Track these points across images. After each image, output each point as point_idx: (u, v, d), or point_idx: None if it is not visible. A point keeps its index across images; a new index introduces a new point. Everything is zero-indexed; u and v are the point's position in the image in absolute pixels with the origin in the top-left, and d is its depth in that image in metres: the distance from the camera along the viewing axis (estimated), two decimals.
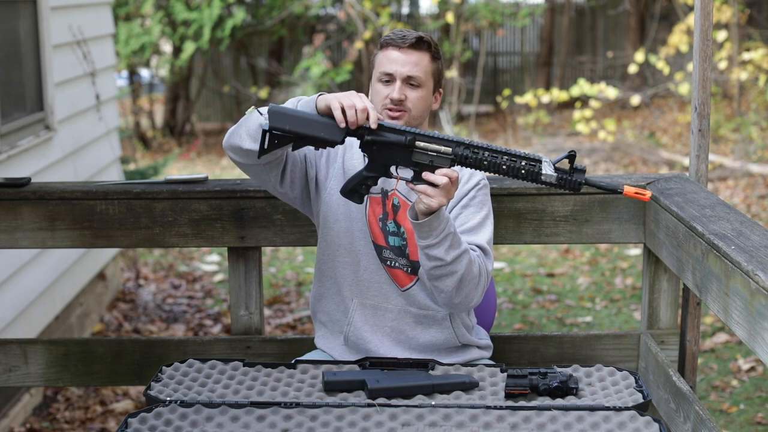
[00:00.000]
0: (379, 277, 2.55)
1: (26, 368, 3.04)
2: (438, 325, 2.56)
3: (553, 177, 2.22)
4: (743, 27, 11.05)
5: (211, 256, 7.19)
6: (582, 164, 2.24)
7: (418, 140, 2.28)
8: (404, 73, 2.47)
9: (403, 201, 2.54)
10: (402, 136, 2.28)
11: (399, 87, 2.46)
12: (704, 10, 2.78)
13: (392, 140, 2.28)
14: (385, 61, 2.49)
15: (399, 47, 2.48)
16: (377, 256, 2.55)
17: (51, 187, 2.98)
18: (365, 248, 2.54)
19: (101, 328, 5.52)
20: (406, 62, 2.47)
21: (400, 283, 2.55)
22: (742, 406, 4.32)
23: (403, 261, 2.55)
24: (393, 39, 2.50)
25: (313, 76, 11.58)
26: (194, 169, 11.16)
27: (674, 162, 9.78)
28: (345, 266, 2.57)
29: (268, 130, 2.26)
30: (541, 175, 2.23)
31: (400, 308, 2.55)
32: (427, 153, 2.27)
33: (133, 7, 11.90)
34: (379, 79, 2.50)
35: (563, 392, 2.29)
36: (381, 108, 2.48)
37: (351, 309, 2.57)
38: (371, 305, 2.56)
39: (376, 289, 2.56)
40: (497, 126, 12.95)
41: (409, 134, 2.28)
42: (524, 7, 12.69)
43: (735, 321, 2.15)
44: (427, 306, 2.55)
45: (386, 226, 2.54)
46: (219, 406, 2.24)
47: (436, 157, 2.27)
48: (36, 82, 4.91)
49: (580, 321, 5.55)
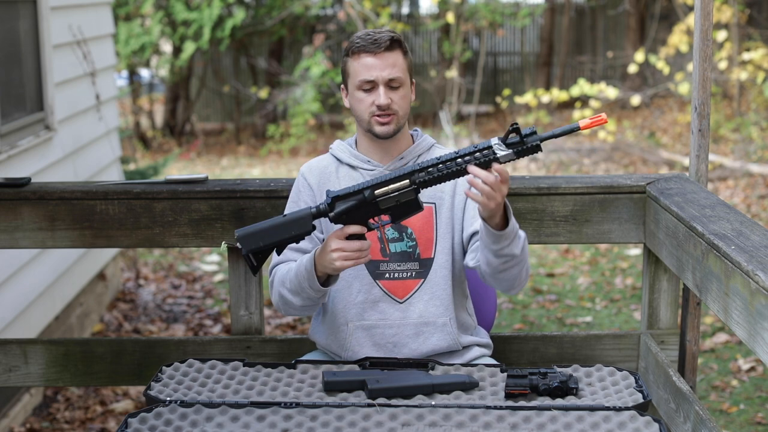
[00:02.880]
0: (373, 296, 2.53)
1: (26, 368, 3.05)
2: (440, 332, 2.54)
3: (510, 153, 2.22)
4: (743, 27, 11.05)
5: (211, 256, 7.19)
6: (531, 127, 2.22)
7: (375, 190, 2.30)
8: (385, 78, 2.45)
9: None
10: (359, 195, 2.31)
11: (384, 92, 2.45)
12: (704, 10, 2.78)
13: (354, 205, 2.31)
14: (362, 69, 2.46)
15: (374, 53, 2.46)
16: (370, 275, 2.53)
17: (51, 187, 2.98)
18: (355, 270, 2.52)
19: (101, 328, 5.52)
20: (385, 66, 2.45)
21: (398, 294, 2.53)
22: (742, 406, 4.32)
23: (409, 265, 2.52)
24: (364, 45, 2.46)
25: (313, 76, 11.58)
26: (194, 169, 11.16)
27: (674, 162, 9.78)
28: (336, 293, 2.55)
29: (247, 254, 2.35)
30: (499, 159, 2.23)
31: (399, 322, 2.53)
32: (390, 196, 2.30)
33: (133, 7, 11.90)
34: (359, 87, 2.48)
35: (563, 392, 2.29)
36: (368, 116, 2.47)
37: (347, 335, 2.55)
38: (368, 326, 2.54)
39: (371, 308, 2.53)
40: (497, 126, 12.95)
41: (365, 189, 2.30)
42: (524, 7, 12.69)
43: (735, 321, 2.15)
44: (427, 313, 2.53)
45: (384, 234, 2.52)
46: (219, 406, 2.24)
47: (400, 195, 2.29)
48: (36, 82, 4.91)
49: (580, 321, 5.55)
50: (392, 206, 2.30)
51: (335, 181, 2.57)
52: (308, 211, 2.32)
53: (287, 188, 2.89)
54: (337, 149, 2.63)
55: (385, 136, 2.49)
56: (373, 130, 2.49)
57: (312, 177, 2.61)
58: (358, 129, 2.58)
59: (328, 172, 2.60)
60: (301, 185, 2.62)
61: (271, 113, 13.10)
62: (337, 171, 2.59)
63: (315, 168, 2.62)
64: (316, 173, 2.61)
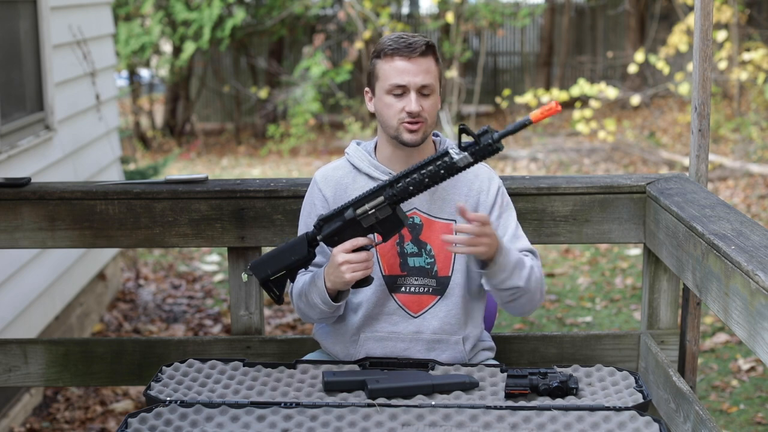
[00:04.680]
0: (387, 309, 2.50)
1: (26, 368, 3.04)
2: (451, 350, 2.52)
3: (467, 157, 2.20)
4: (743, 27, 11.05)
5: (211, 256, 7.19)
6: (484, 127, 2.19)
7: (356, 209, 2.30)
8: (418, 84, 2.38)
9: (425, 219, 2.49)
10: (341, 216, 2.32)
11: (416, 99, 2.38)
12: (704, 10, 2.78)
13: (339, 226, 2.33)
14: (394, 73, 2.38)
15: (408, 57, 2.37)
16: (386, 288, 2.49)
17: (51, 187, 2.98)
18: (374, 284, 2.46)
19: (101, 328, 5.52)
20: (418, 72, 2.37)
21: (413, 309, 2.50)
22: (742, 406, 4.32)
23: (427, 281, 2.49)
24: (398, 48, 2.38)
25: (313, 76, 11.59)
26: (194, 169, 11.16)
27: (674, 162, 9.78)
28: (350, 301, 2.53)
29: (262, 282, 2.40)
30: (456, 164, 2.21)
31: (411, 336, 2.50)
32: (369, 214, 2.30)
33: (133, 7, 11.90)
34: (389, 91, 2.40)
35: (563, 392, 2.29)
36: (397, 122, 2.40)
37: (358, 345, 2.53)
38: (380, 337, 2.51)
39: (385, 320, 2.51)
40: (497, 126, 12.94)
41: (347, 209, 2.31)
42: (524, 7, 12.69)
43: (735, 321, 2.15)
44: (441, 330, 2.50)
45: (404, 249, 2.49)
46: (219, 406, 2.24)
47: (377, 212, 2.29)
48: (36, 82, 4.91)
49: (580, 321, 5.55)
50: (374, 224, 2.30)
51: (352, 193, 2.48)
52: (303, 237, 2.35)
53: (287, 188, 2.89)
54: (355, 156, 2.53)
55: (413, 144, 2.41)
56: (400, 137, 2.41)
57: (328, 189, 2.53)
58: (381, 135, 2.50)
59: (344, 184, 2.52)
60: (316, 198, 2.55)
61: (271, 113, 13.10)
62: (354, 181, 2.51)
63: (331, 179, 2.53)
64: (332, 184, 2.53)
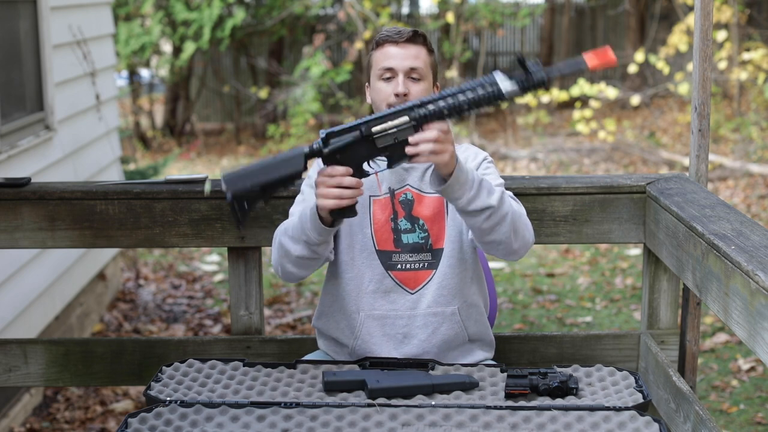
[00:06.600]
0: (384, 286, 2.52)
1: (26, 368, 3.04)
2: (449, 321, 2.53)
3: (516, 88, 2.14)
4: (743, 27, 11.05)
5: (211, 256, 7.19)
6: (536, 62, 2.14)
7: (372, 126, 2.19)
8: (406, 66, 2.45)
9: (416, 194, 2.51)
10: (355, 131, 2.20)
11: (402, 81, 2.45)
12: (704, 10, 2.78)
13: (349, 141, 2.21)
14: (383, 58, 2.48)
15: (396, 42, 2.48)
16: (382, 265, 2.51)
17: (51, 187, 2.98)
18: (368, 259, 2.50)
19: (101, 328, 5.52)
20: (407, 56, 2.46)
21: (410, 285, 2.52)
22: (742, 406, 4.32)
23: (421, 256, 2.50)
24: (389, 35, 2.49)
25: (313, 76, 11.58)
26: (194, 169, 11.16)
27: (674, 162, 9.78)
28: (349, 282, 2.53)
29: (233, 199, 2.18)
30: (504, 93, 2.15)
31: (410, 313, 2.52)
32: (388, 133, 2.19)
33: (133, 7, 11.90)
34: (380, 76, 2.48)
35: (563, 392, 2.29)
36: (385, 106, 2.45)
37: (358, 323, 2.54)
38: (379, 315, 2.52)
39: (382, 298, 2.52)
40: (497, 126, 12.95)
41: (361, 125, 2.20)
42: (524, 7, 12.69)
43: (735, 321, 2.15)
44: (435, 302, 2.51)
45: (398, 226, 2.51)
46: (219, 406, 2.24)
47: (398, 132, 2.19)
48: (36, 82, 4.91)
49: (580, 321, 5.55)
50: (390, 144, 2.19)
51: None
52: (301, 150, 2.22)
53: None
54: None
55: None
56: None
57: None
58: None
59: None
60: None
61: (271, 113, 13.10)
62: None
63: None
64: None
